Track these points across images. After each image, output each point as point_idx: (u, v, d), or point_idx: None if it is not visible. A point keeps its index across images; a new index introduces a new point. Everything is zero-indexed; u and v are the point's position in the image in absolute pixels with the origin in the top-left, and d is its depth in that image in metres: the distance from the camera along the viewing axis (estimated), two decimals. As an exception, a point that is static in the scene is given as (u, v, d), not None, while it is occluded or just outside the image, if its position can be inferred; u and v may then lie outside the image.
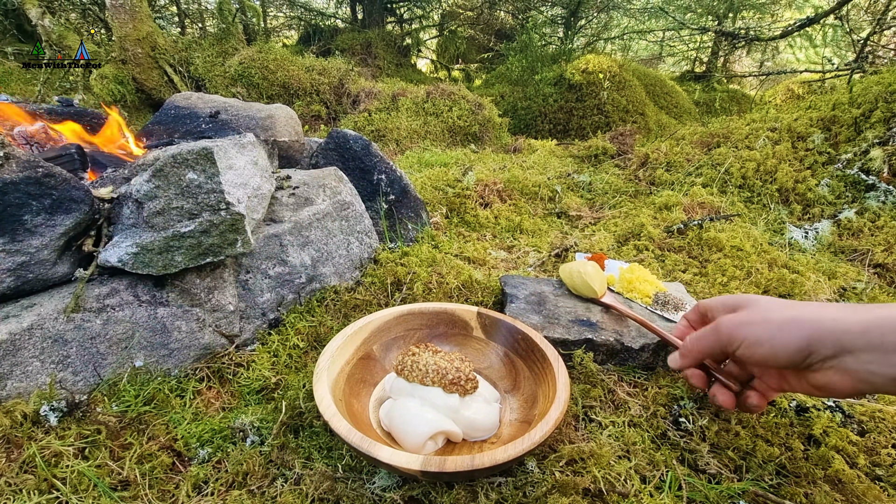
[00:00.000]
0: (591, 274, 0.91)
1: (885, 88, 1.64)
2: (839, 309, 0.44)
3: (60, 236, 0.69)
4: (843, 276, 1.17)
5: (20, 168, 0.65)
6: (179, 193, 0.71)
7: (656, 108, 4.31)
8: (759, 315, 0.48)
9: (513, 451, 0.53)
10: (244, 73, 3.34)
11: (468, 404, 0.64)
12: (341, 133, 1.30)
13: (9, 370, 0.63)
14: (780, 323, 0.45)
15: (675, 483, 0.58)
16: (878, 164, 1.50)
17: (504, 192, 1.71)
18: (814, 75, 4.47)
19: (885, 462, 0.66)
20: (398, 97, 3.19)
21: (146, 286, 0.74)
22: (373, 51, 5.37)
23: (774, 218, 1.52)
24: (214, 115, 1.27)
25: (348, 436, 0.54)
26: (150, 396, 0.71)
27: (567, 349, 0.80)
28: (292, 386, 0.74)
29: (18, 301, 0.68)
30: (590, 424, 0.69)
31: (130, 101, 3.24)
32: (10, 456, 0.57)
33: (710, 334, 0.52)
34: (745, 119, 2.13)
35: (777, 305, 0.48)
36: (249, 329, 0.85)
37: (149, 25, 3.23)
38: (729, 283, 1.10)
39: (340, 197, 1.06)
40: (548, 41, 5.56)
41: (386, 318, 0.78)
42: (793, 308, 0.46)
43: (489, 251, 1.31)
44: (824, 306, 0.45)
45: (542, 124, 3.98)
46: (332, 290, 0.97)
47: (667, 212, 1.53)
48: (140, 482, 0.58)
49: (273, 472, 0.61)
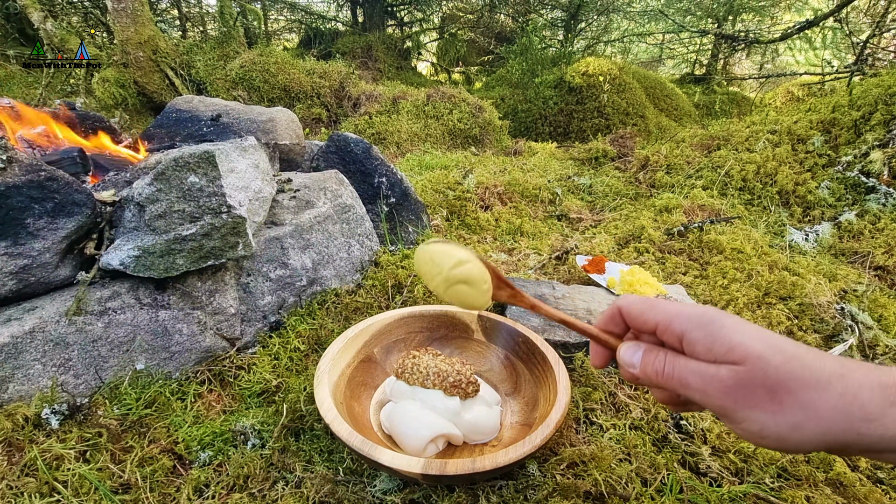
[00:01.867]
0: (471, 276, 0.50)
1: (884, 91, 1.64)
2: (869, 393, 0.34)
3: (62, 240, 0.69)
4: (844, 278, 1.17)
5: (23, 172, 0.65)
6: (181, 197, 0.72)
7: (656, 110, 4.32)
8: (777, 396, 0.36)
9: (514, 454, 0.53)
10: (245, 76, 3.35)
11: (469, 407, 0.64)
12: (342, 136, 1.30)
13: (10, 373, 0.63)
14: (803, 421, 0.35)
15: (677, 486, 0.58)
16: (878, 166, 1.50)
17: (504, 195, 1.71)
18: (813, 78, 4.48)
19: (886, 465, 0.66)
20: (399, 100, 3.20)
21: (148, 289, 0.74)
22: (373, 54, 5.39)
23: (775, 220, 1.52)
24: (216, 118, 1.27)
25: (349, 439, 0.54)
26: (152, 399, 0.71)
27: (568, 352, 0.80)
28: (293, 389, 0.74)
29: (20, 304, 0.68)
30: (591, 427, 0.69)
31: (132, 105, 3.25)
32: (12, 459, 0.57)
33: (698, 384, 0.40)
34: (745, 122, 2.13)
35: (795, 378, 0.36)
36: (250, 332, 0.85)
37: (150, 29, 3.24)
38: (729, 285, 1.10)
39: (341, 200, 1.06)
40: (548, 44, 5.57)
41: (387, 320, 0.78)
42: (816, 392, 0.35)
43: (490, 254, 1.31)
44: (849, 382, 0.35)
45: (542, 127, 3.98)
46: (333, 292, 0.97)
47: (667, 214, 1.53)
48: (141, 485, 0.58)
49: (274, 476, 0.61)
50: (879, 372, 0.35)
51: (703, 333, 0.40)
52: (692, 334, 0.41)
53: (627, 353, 0.46)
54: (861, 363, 0.37)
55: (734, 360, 0.38)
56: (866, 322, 0.96)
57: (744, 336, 0.38)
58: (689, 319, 0.41)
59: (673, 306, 0.44)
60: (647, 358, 0.44)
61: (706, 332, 0.40)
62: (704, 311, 0.42)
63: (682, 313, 0.42)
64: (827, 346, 0.94)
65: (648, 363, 0.44)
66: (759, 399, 0.37)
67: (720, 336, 0.39)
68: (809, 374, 0.35)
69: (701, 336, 0.40)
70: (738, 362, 0.37)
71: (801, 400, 0.35)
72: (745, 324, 0.40)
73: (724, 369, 0.38)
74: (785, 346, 0.37)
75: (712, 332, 0.39)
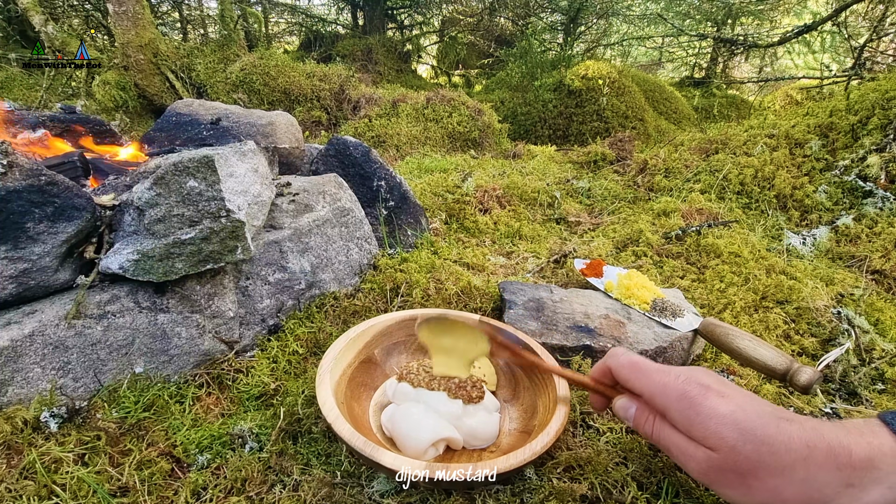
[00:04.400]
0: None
1: (881, 95, 1.65)
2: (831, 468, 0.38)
3: (62, 243, 0.69)
4: (841, 282, 1.17)
5: (23, 176, 0.65)
6: (180, 201, 0.72)
7: (655, 113, 4.33)
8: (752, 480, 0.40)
9: (514, 460, 0.53)
10: (245, 79, 3.36)
11: (471, 412, 0.64)
12: (341, 140, 1.30)
13: (10, 376, 0.63)
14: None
15: (672, 490, 0.59)
16: (876, 170, 1.51)
17: (503, 198, 1.72)
18: (812, 81, 4.49)
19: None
20: (398, 103, 3.21)
21: (147, 293, 0.74)
22: (373, 57, 5.40)
23: (772, 224, 1.53)
24: (216, 121, 1.28)
25: (351, 439, 0.54)
26: (150, 402, 0.71)
27: (565, 356, 0.80)
28: (291, 392, 0.74)
29: (20, 308, 0.69)
30: (587, 431, 0.70)
31: (132, 107, 3.26)
32: (11, 462, 0.58)
33: (680, 457, 0.45)
34: (743, 125, 2.14)
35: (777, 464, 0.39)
36: (249, 335, 0.86)
37: (151, 32, 3.25)
38: (727, 289, 1.11)
39: (340, 203, 1.07)
40: (547, 47, 5.59)
41: (388, 322, 0.78)
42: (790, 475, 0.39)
43: (488, 257, 1.32)
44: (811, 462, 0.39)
45: (541, 130, 3.99)
46: (332, 296, 0.97)
47: (665, 218, 1.53)
48: (139, 488, 0.58)
49: (271, 479, 0.61)
50: (838, 453, 0.39)
51: (681, 417, 0.45)
52: (672, 414, 0.45)
53: (622, 409, 0.52)
54: (823, 435, 0.40)
55: (709, 447, 0.42)
56: (863, 326, 0.96)
57: (718, 422, 0.42)
58: (668, 399, 0.46)
59: (657, 377, 0.48)
60: (638, 417, 0.49)
61: (684, 416, 0.44)
62: (684, 391, 0.45)
63: (664, 392, 0.46)
64: (824, 349, 0.95)
65: (640, 423, 0.49)
66: (730, 482, 0.41)
67: (696, 422, 0.43)
68: (775, 461, 0.39)
69: (680, 418, 0.45)
70: (712, 448, 0.42)
71: (768, 485, 0.40)
72: (722, 403, 0.43)
73: (700, 451, 0.43)
74: (755, 431, 0.40)
75: (689, 418, 0.44)
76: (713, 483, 0.43)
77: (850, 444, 0.39)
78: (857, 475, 0.38)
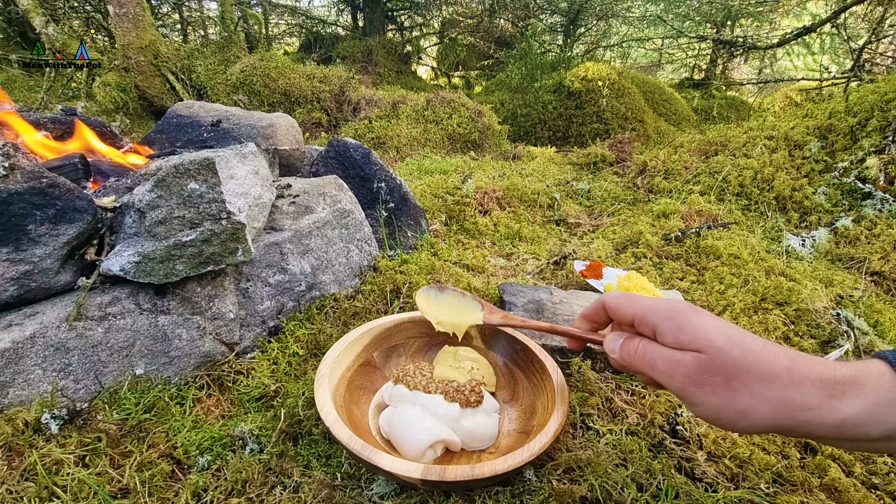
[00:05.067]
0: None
1: (880, 97, 1.66)
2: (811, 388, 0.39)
3: (63, 245, 0.70)
4: (840, 283, 1.18)
5: (25, 179, 0.66)
6: (181, 203, 0.72)
7: (655, 115, 4.33)
8: (737, 388, 0.41)
9: (512, 461, 0.53)
10: (246, 80, 3.36)
11: (468, 414, 0.65)
12: (342, 141, 1.31)
13: (11, 378, 0.64)
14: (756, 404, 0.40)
15: (672, 491, 0.59)
16: (875, 172, 1.51)
17: (503, 200, 1.72)
18: (811, 83, 4.50)
19: (881, 471, 0.66)
20: (398, 104, 3.21)
21: (147, 294, 0.75)
22: (373, 58, 5.41)
23: (772, 226, 1.53)
24: (216, 123, 1.28)
25: (349, 443, 0.54)
26: (151, 404, 0.71)
27: (565, 357, 0.80)
28: (291, 394, 0.74)
29: (21, 309, 0.69)
30: (587, 432, 0.70)
31: (133, 109, 3.27)
32: (12, 463, 0.58)
33: (665, 367, 0.44)
34: (742, 127, 2.15)
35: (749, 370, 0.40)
36: (249, 337, 0.86)
37: (151, 34, 3.26)
38: (726, 290, 1.11)
39: (340, 205, 1.07)
40: (547, 49, 5.60)
41: (387, 325, 0.79)
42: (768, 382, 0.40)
43: (488, 258, 1.32)
44: (792, 380, 0.39)
45: (541, 131, 4.00)
46: (332, 297, 0.97)
47: (665, 219, 1.54)
48: (140, 490, 0.58)
49: (272, 480, 0.61)
50: (822, 367, 0.39)
51: (671, 324, 0.45)
52: (662, 325, 0.46)
53: (610, 342, 0.52)
54: (809, 358, 0.41)
55: (697, 349, 0.42)
56: (862, 328, 0.97)
57: (707, 329, 0.43)
58: (660, 312, 0.47)
59: (648, 301, 0.50)
60: (626, 346, 0.50)
61: (674, 323, 0.45)
62: (674, 305, 0.47)
63: (655, 308, 0.48)
64: (823, 351, 0.95)
65: (628, 351, 0.49)
66: (715, 385, 0.41)
67: (686, 327, 0.44)
68: (761, 367, 0.40)
69: (670, 326, 0.45)
70: (700, 350, 0.42)
71: (753, 389, 0.40)
72: (710, 318, 0.45)
73: (688, 356, 0.43)
74: (743, 341, 0.42)
75: (679, 324, 0.44)
76: (698, 387, 0.42)
77: (835, 366, 0.40)
78: (840, 388, 0.38)
